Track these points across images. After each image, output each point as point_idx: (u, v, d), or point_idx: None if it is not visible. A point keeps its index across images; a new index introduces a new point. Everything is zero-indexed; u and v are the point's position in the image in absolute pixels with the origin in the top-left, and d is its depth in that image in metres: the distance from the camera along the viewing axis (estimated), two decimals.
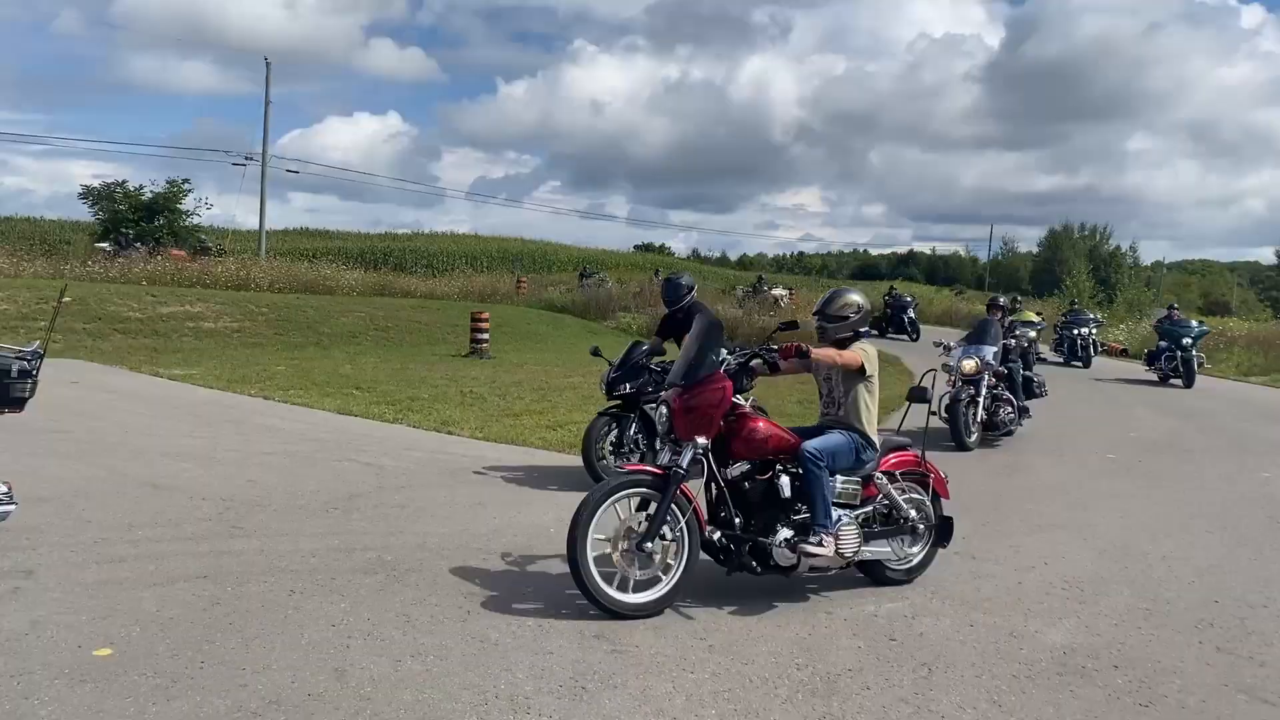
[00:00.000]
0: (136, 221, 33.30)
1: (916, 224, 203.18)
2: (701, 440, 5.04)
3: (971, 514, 7.53)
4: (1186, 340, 19.22)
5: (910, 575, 5.69)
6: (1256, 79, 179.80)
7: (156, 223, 33.89)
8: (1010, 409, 11.21)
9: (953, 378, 10.94)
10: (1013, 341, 11.78)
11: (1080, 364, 22.76)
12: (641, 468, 5.39)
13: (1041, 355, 20.73)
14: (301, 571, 5.39)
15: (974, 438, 10.72)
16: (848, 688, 4.15)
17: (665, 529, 4.95)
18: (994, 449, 10.87)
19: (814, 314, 5.76)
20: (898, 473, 5.68)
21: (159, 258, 27.11)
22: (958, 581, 5.79)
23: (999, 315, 12.48)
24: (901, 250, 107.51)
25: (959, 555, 6.33)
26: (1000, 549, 6.54)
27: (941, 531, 5.77)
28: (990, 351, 11.00)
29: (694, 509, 5.05)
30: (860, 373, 5.42)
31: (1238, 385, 21.20)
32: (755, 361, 5.51)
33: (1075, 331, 23.34)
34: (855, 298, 5.73)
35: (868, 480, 5.48)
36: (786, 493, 5.17)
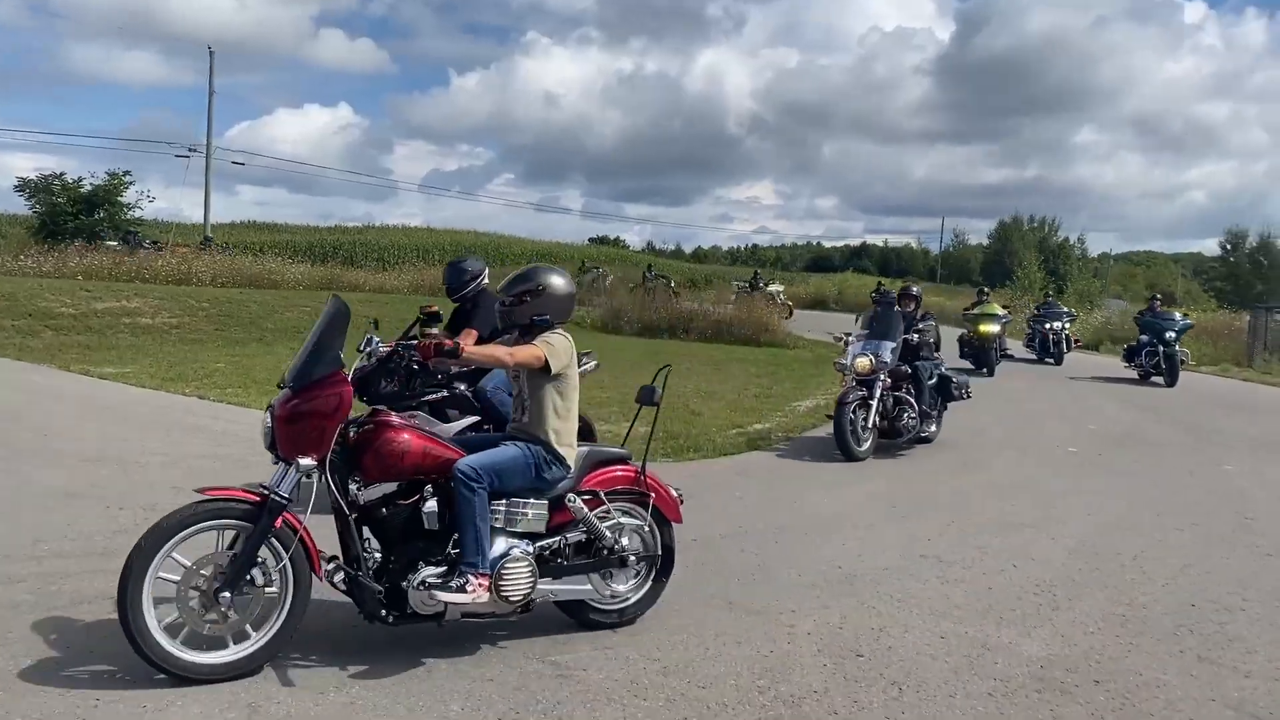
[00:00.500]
0: (75, 215, 32.21)
1: (869, 216, 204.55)
2: (306, 461, 3.97)
3: (936, 513, 7.28)
4: (1170, 334, 17.88)
5: (623, 617, 4.66)
6: (1199, 74, 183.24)
7: (96, 216, 32.82)
8: (912, 412, 9.80)
9: (845, 376, 9.79)
10: (915, 337, 10.17)
11: (1052, 360, 21.58)
12: (230, 492, 4.05)
13: (1008, 351, 20.35)
14: None
15: (866, 446, 9.32)
16: (814, 712, 3.82)
17: (257, 572, 3.91)
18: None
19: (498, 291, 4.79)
20: (604, 492, 4.66)
21: (96, 252, 26.20)
22: (925, 587, 5.49)
23: (912, 306, 10.86)
24: (854, 242, 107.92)
25: (925, 559, 6.05)
26: (968, 551, 6.26)
27: (664, 564, 4.82)
28: (889, 348, 9.68)
29: (304, 543, 4.00)
30: (544, 371, 4.43)
31: (1191, 376, 21.28)
32: (394, 361, 4.71)
33: (1047, 326, 22.03)
34: (548, 277, 4.69)
35: (558, 503, 4.46)
36: (431, 523, 4.16)
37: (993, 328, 19.01)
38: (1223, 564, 6.17)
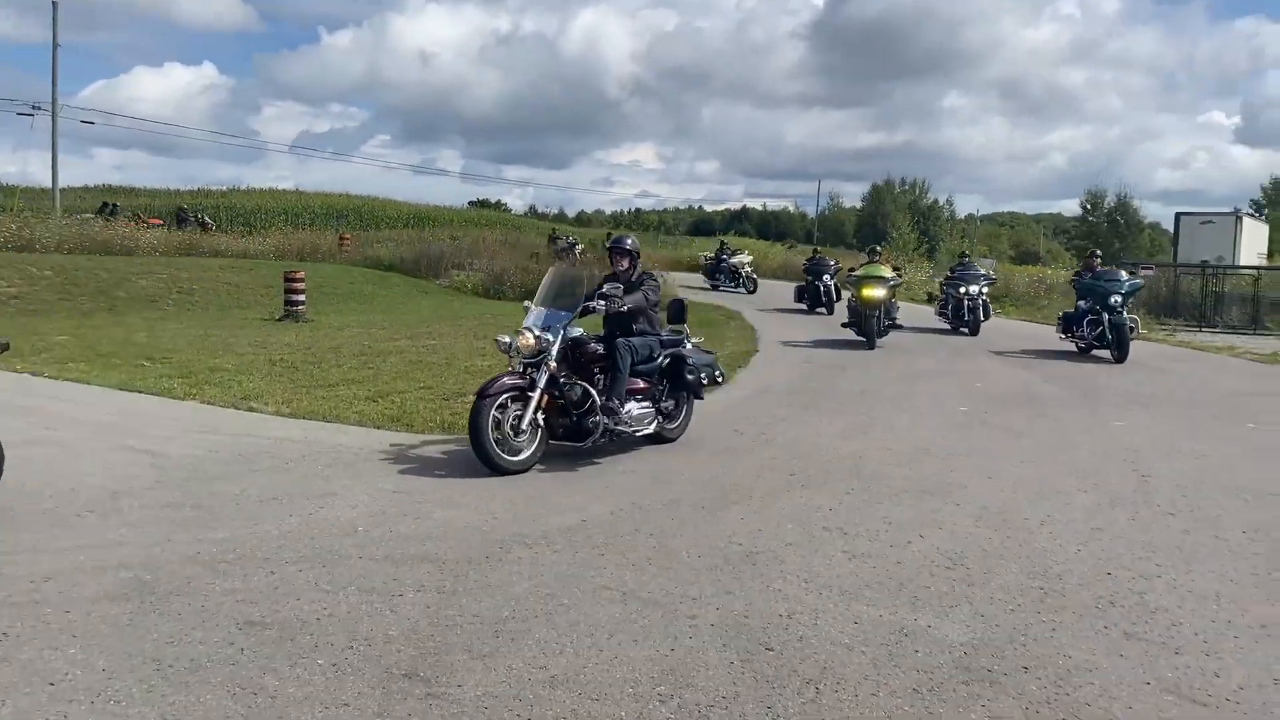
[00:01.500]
0: None
1: (749, 180, 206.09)
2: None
3: (834, 481, 6.93)
4: (1115, 299, 14.72)
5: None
6: (1059, 40, 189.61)
7: None
8: (598, 404, 7.27)
9: (511, 359, 7.38)
10: (604, 305, 7.60)
11: (966, 330, 18.55)
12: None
13: (895, 319, 17.08)
14: (24, 604, 4.20)
15: (523, 455, 6.91)
16: None
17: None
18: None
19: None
20: None
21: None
22: (832, 565, 5.09)
23: (625, 265, 8.15)
24: (734, 206, 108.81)
25: (828, 531, 5.67)
26: (872, 522, 5.90)
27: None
28: (563, 320, 7.38)
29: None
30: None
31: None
32: None
33: (962, 290, 18.78)
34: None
35: None
36: None
37: (877, 291, 15.98)
38: (1129, 526, 5.96)
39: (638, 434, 7.68)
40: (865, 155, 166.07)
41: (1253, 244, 30.84)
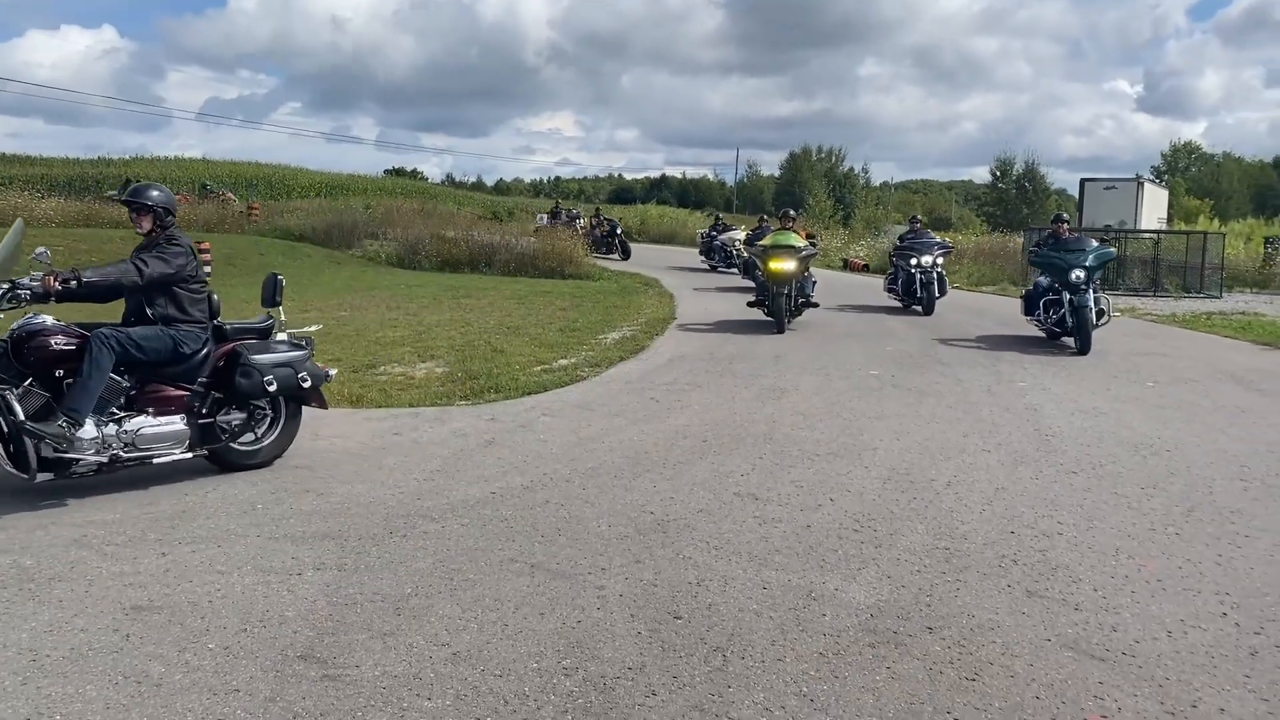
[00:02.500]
0: None
1: (668, 148, 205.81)
2: None
3: (746, 445, 6.93)
4: (1077, 274, 12.02)
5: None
6: (972, 9, 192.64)
7: None
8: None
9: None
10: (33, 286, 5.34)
11: (920, 308, 16.31)
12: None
13: (810, 298, 14.12)
14: None
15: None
16: (629, 696, 3.30)
17: None
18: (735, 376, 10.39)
19: None
20: None
21: None
22: (742, 530, 5.08)
23: (151, 228, 6.02)
24: (654, 174, 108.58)
25: (739, 497, 5.66)
26: (782, 486, 5.92)
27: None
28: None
29: None
30: None
31: (972, 295, 22.21)
32: None
33: (914, 262, 16.40)
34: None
35: None
36: None
37: (786, 264, 13.44)
38: (1033, 485, 6.08)
39: (154, 459, 5.59)
40: (783, 123, 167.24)
41: (1153, 209, 31.73)
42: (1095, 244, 12.82)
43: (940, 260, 16.88)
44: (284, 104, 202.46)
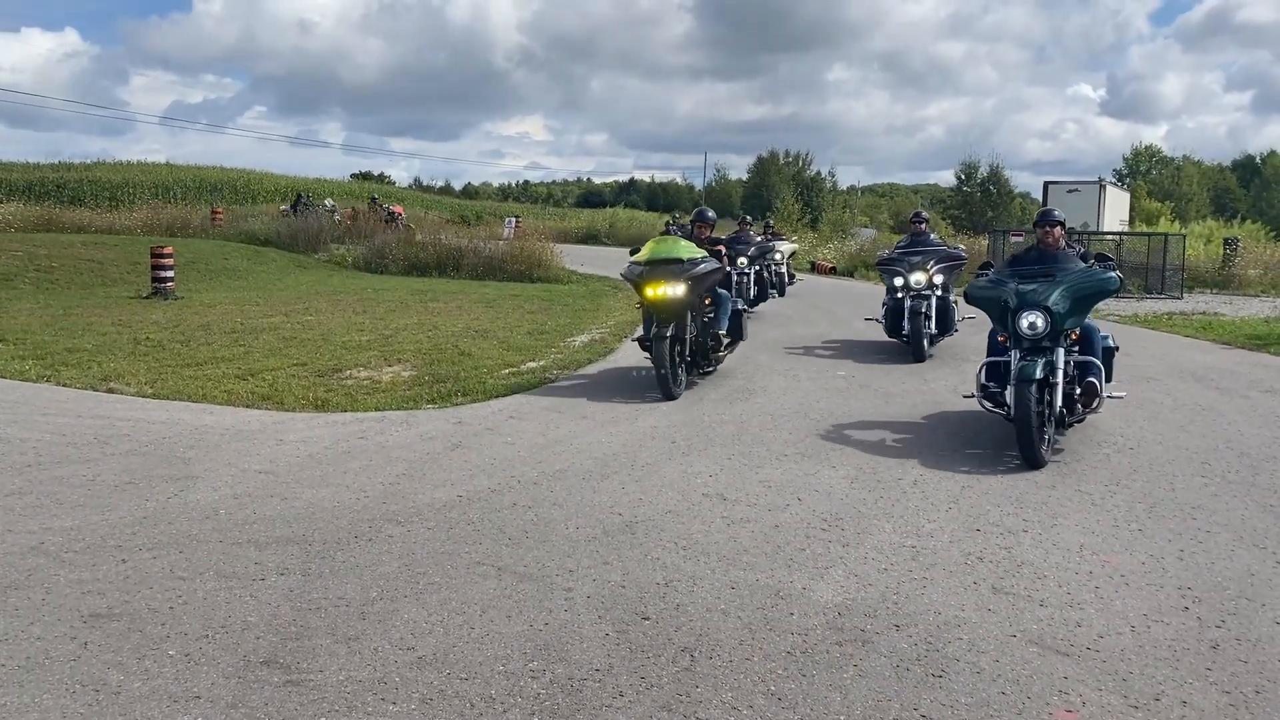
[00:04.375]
0: None
1: (637, 152, 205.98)
2: None
3: (715, 446, 6.93)
4: (1031, 322, 6.66)
5: None
6: (939, 14, 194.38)
7: None
8: None
9: None
10: None
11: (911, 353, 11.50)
12: None
13: (724, 339, 9.66)
14: None
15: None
16: (596, 697, 3.28)
17: None
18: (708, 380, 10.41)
19: None
20: None
21: None
22: (711, 531, 5.08)
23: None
24: (624, 178, 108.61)
25: (708, 498, 5.66)
26: (751, 486, 5.92)
27: None
28: None
29: None
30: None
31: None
32: None
33: (899, 282, 11.70)
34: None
35: None
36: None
37: (666, 290, 8.70)
38: (997, 483, 6.12)
39: None
40: (752, 128, 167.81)
41: (1115, 211, 32.13)
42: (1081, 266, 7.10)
43: (941, 278, 11.73)
44: (250, 108, 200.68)
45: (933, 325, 11.67)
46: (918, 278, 11.59)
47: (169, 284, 16.93)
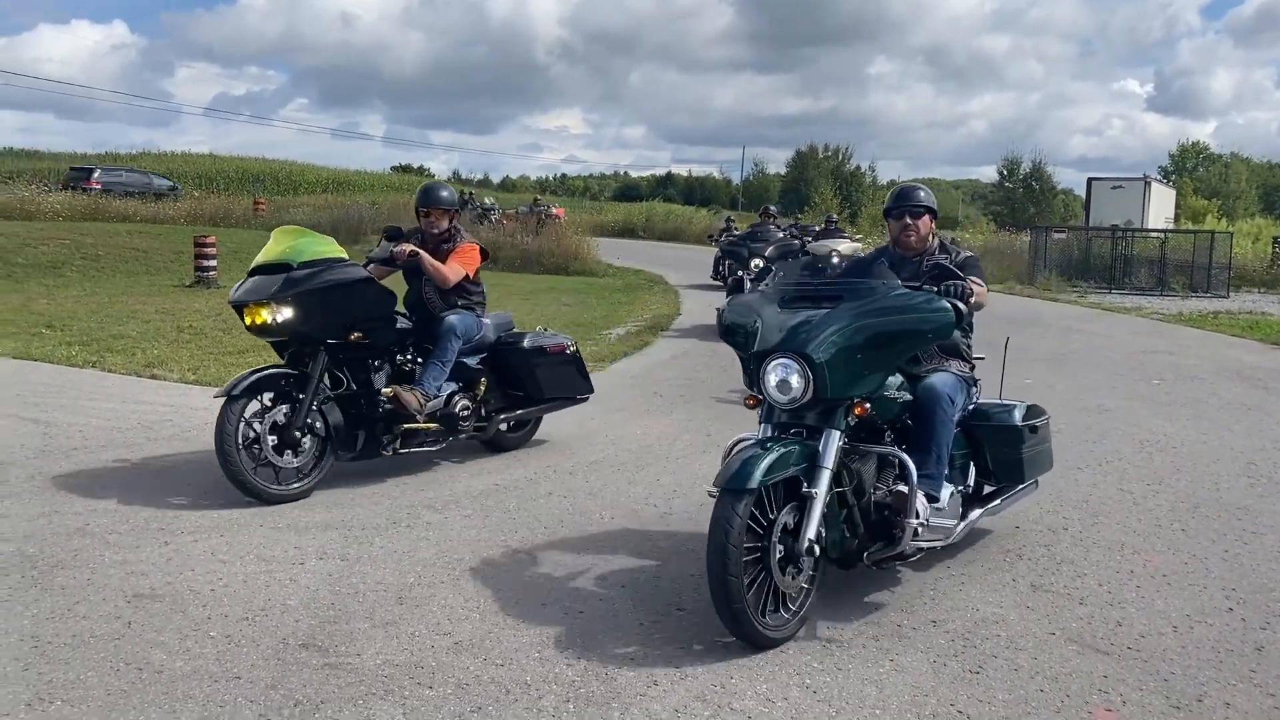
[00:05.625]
0: None
1: (674, 146, 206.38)
2: None
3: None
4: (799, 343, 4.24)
5: None
6: (983, 8, 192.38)
7: None
8: None
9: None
10: None
11: None
12: None
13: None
14: None
15: None
16: (631, 686, 3.28)
17: None
18: None
19: None
20: None
21: None
22: None
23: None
24: (660, 172, 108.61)
25: None
26: None
27: None
28: None
29: None
30: None
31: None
32: None
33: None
34: None
35: None
36: None
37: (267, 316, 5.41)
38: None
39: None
40: (791, 121, 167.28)
41: (1160, 208, 31.66)
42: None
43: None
44: (292, 100, 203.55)
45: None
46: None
47: (211, 273, 17.15)
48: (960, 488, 4.41)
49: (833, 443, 3.69)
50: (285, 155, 62.03)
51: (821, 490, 3.61)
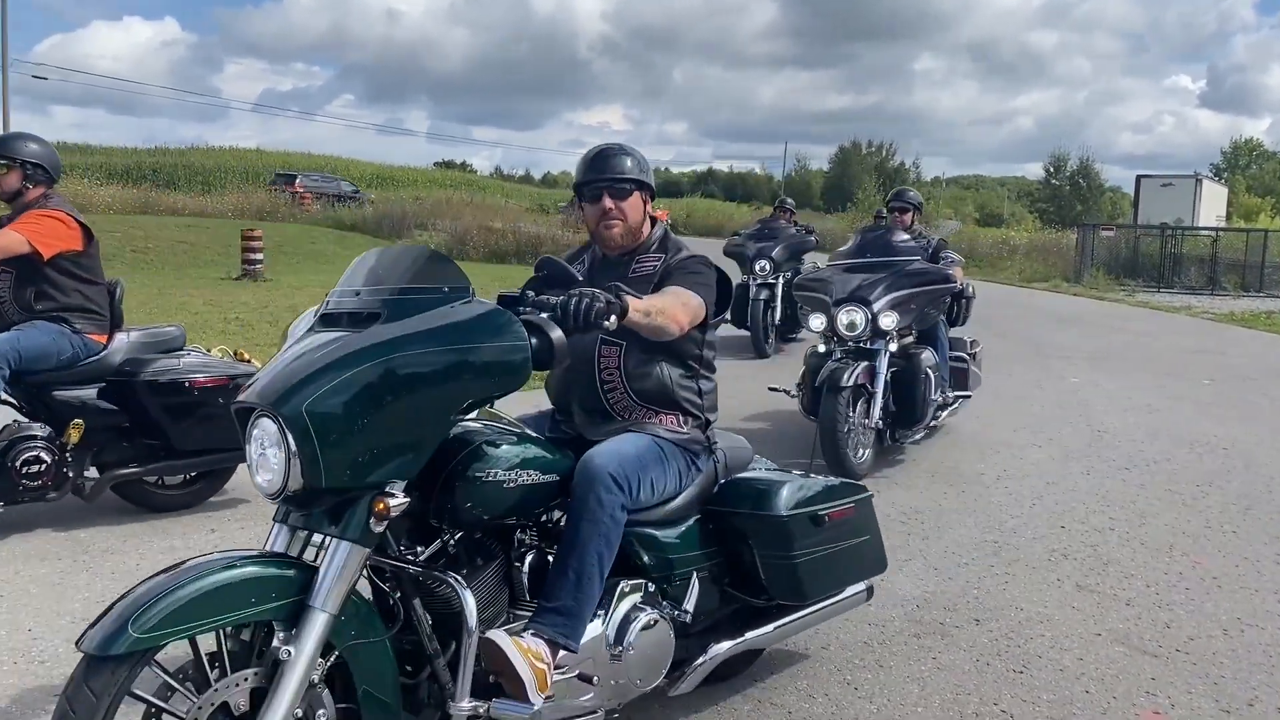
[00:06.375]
0: None
1: (715, 142, 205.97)
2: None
3: (792, 441, 6.87)
4: None
5: None
6: (1031, 3, 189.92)
7: None
8: None
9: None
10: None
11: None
12: None
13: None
14: None
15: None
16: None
17: None
18: None
19: None
20: None
21: None
22: None
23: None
24: (701, 168, 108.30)
25: None
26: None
27: None
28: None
29: None
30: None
31: (1023, 291, 21.91)
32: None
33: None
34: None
35: None
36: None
37: None
38: (1083, 480, 5.97)
39: None
40: (834, 117, 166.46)
41: (1212, 206, 31.04)
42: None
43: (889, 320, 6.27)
44: (338, 96, 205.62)
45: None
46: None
47: (258, 266, 17.41)
48: (675, 613, 2.80)
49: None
50: (330, 151, 62.67)
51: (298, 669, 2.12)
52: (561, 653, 2.46)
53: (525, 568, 2.62)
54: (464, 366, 2.33)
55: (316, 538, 2.29)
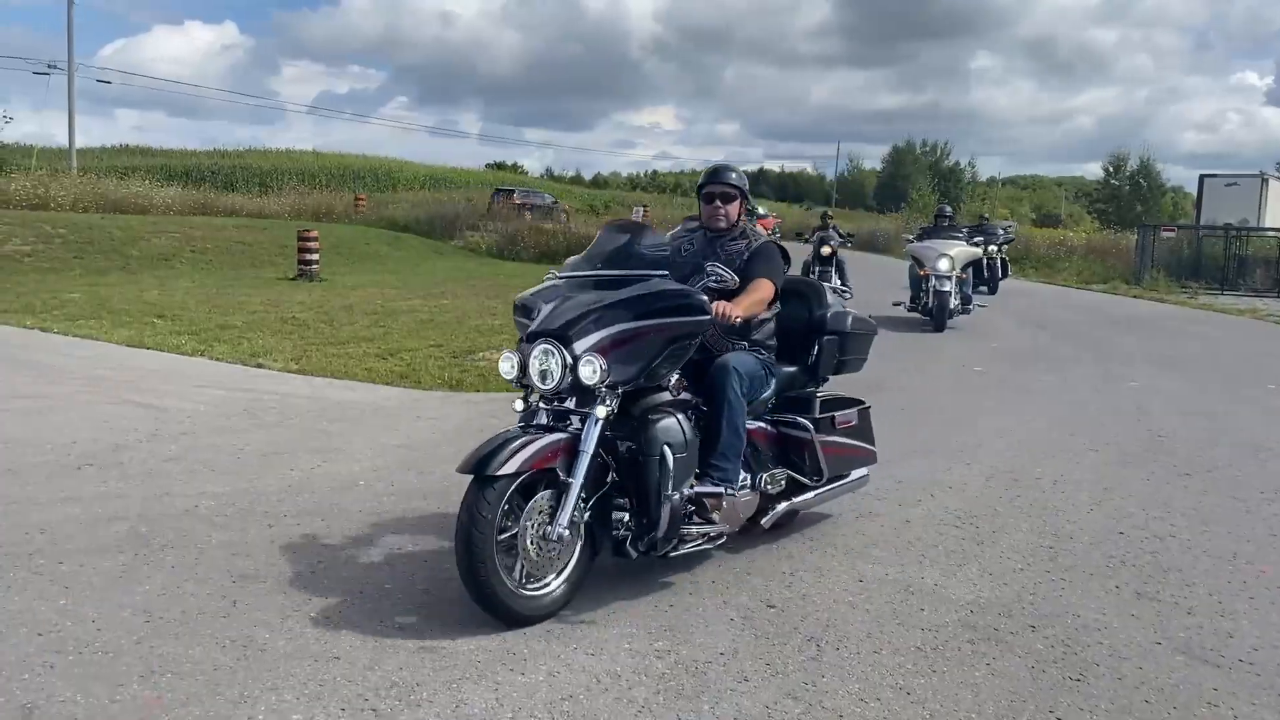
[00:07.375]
0: None
1: (767, 142, 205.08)
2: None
3: None
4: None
5: None
6: (1090, 0, 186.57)
7: None
8: None
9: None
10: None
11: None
12: None
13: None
14: (18, 555, 4.15)
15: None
16: (721, 681, 3.27)
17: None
18: None
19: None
20: None
21: None
22: (838, 524, 5.01)
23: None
24: (752, 168, 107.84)
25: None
26: (882, 481, 5.77)
27: None
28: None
29: None
30: None
31: (1080, 293, 21.52)
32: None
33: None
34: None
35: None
36: None
37: None
38: (1143, 486, 5.85)
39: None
40: (887, 117, 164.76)
41: (1278, 206, 30.24)
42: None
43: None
44: (392, 98, 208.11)
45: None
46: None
47: (314, 266, 17.65)
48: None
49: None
50: (384, 152, 63.42)
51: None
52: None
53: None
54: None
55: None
